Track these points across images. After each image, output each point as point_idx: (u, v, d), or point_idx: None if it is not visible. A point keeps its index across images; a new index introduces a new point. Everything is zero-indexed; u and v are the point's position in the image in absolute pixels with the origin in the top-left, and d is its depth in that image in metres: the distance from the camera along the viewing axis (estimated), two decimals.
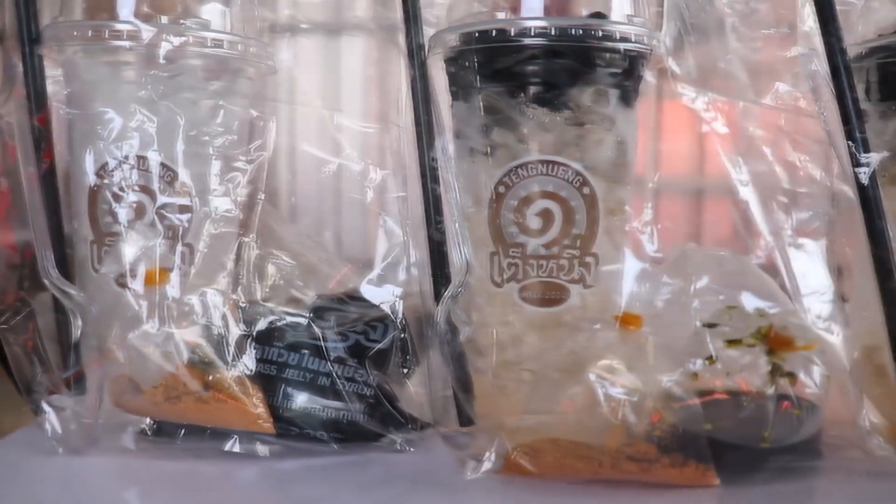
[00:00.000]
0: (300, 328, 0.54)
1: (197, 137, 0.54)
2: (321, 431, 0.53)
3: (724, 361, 0.48)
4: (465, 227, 0.53)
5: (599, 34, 0.51)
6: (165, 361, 0.52)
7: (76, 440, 0.53)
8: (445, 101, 0.56)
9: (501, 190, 0.52)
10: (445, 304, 0.53)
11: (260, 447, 0.53)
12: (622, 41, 0.51)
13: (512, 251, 0.52)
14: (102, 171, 0.54)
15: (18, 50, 0.55)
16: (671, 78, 0.51)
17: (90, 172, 0.54)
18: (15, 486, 0.49)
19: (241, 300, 0.54)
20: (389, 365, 0.54)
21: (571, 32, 0.50)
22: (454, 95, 0.55)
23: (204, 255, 0.54)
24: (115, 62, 0.54)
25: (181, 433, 0.53)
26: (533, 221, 0.52)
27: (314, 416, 0.53)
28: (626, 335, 0.49)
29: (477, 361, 0.53)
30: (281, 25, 0.63)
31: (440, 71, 0.55)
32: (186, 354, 0.52)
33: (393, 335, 0.54)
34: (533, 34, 0.51)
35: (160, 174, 0.53)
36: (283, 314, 0.54)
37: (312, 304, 0.55)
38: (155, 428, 0.54)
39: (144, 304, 0.52)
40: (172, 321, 0.52)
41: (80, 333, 0.54)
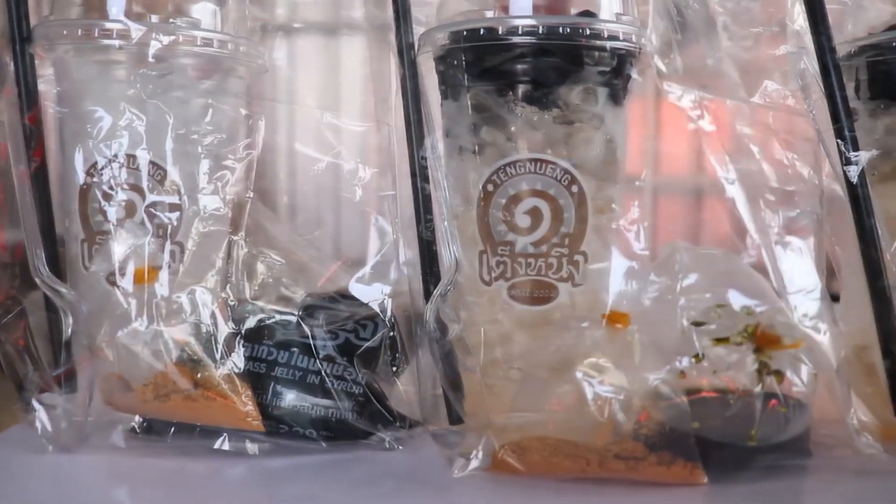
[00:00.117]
0: (290, 326, 0.53)
1: (186, 136, 0.54)
2: (310, 429, 0.53)
3: (711, 360, 0.47)
4: (454, 225, 0.53)
5: (588, 32, 0.51)
6: (155, 360, 0.52)
7: (66, 438, 0.53)
8: (436, 99, 0.56)
9: (490, 188, 0.52)
10: (435, 302, 0.53)
11: (249, 445, 0.53)
12: (610, 39, 0.51)
13: (500, 249, 0.52)
14: (92, 169, 0.54)
15: (9, 49, 0.55)
16: (657, 76, 0.51)
17: (80, 171, 0.54)
18: (5, 483, 0.50)
19: (230, 298, 0.54)
20: (379, 363, 0.54)
21: (560, 31, 0.50)
22: (444, 94, 0.55)
23: (193, 253, 0.54)
24: (105, 61, 0.54)
25: (171, 431, 0.53)
26: (521, 220, 0.52)
27: (303, 414, 0.53)
28: (613, 333, 0.49)
29: (466, 360, 0.53)
30: (274, 25, 0.64)
31: (432, 70, 0.55)
32: (175, 353, 0.52)
33: (382, 333, 0.54)
34: (521, 32, 0.50)
35: (150, 172, 0.54)
36: (272, 312, 0.54)
37: (302, 302, 0.55)
38: (145, 426, 0.54)
39: (134, 302, 0.52)
40: (161, 319, 0.52)
41: (71, 332, 0.54)
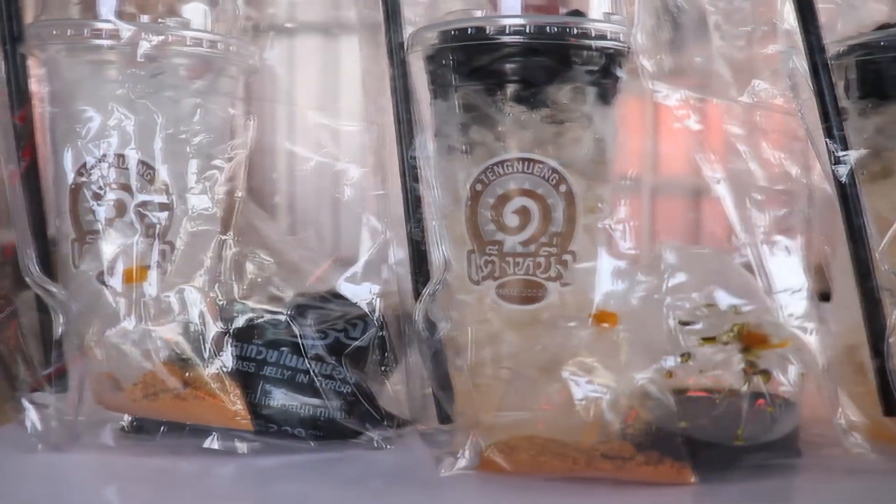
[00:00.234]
0: (279, 325, 0.53)
1: (176, 136, 0.54)
2: (299, 429, 0.53)
3: (698, 359, 0.47)
4: (443, 225, 0.53)
5: (576, 32, 0.51)
6: (144, 359, 0.52)
7: (57, 437, 0.53)
8: (426, 99, 0.56)
9: (479, 188, 0.52)
10: (424, 302, 0.53)
11: (238, 444, 0.53)
12: (599, 39, 0.51)
13: (489, 249, 0.52)
14: (82, 169, 0.54)
15: (0, 48, 0.55)
16: (641, 75, 0.51)
17: (70, 171, 0.54)
18: None
19: (219, 297, 0.54)
20: (368, 363, 0.54)
21: (548, 30, 0.50)
22: (434, 93, 0.55)
23: (183, 252, 0.54)
24: (97, 61, 0.55)
25: (161, 430, 0.53)
26: (510, 219, 0.52)
27: (292, 413, 0.53)
28: (601, 333, 0.49)
29: (456, 359, 0.53)
30: (266, 24, 0.64)
31: (422, 69, 0.55)
32: (165, 352, 0.52)
33: (371, 333, 0.54)
34: (510, 32, 0.51)
35: (139, 172, 0.54)
36: (262, 311, 0.54)
37: (292, 301, 0.55)
38: (135, 425, 0.54)
39: (123, 301, 0.52)
40: (151, 318, 0.52)
41: (62, 331, 0.54)
